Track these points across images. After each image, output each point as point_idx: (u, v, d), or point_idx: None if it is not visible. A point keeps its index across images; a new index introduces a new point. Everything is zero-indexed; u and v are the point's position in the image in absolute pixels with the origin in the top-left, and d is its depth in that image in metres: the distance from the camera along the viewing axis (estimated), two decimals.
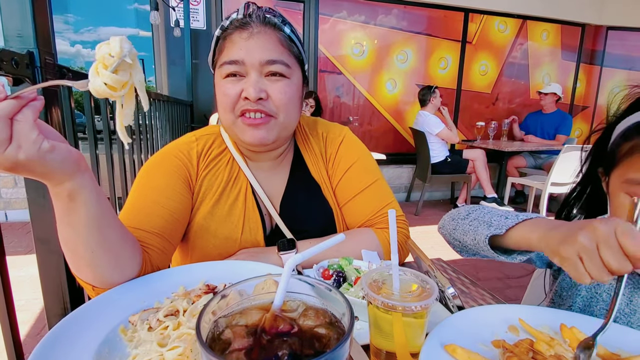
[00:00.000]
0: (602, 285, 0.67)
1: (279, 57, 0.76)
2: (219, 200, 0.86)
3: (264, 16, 0.77)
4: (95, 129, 1.27)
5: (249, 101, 0.75)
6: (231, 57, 0.75)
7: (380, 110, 4.79)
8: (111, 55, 0.46)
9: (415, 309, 0.44)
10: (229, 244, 0.85)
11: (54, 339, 0.48)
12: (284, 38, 0.78)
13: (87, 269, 0.60)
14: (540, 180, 3.93)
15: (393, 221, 0.50)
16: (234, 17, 0.78)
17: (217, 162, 0.88)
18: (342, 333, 0.29)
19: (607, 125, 0.69)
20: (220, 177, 0.87)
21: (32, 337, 1.82)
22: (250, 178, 0.89)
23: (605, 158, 0.67)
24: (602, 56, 5.45)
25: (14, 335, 0.85)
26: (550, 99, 4.58)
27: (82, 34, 4.83)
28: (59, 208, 0.54)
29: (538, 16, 5.00)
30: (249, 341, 0.28)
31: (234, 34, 0.76)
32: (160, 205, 0.77)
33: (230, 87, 0.76)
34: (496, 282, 2.73)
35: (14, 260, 2.71)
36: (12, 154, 0.44)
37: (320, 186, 0.93)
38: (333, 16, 4.37)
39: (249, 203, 0.88)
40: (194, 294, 0.57)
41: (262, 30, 0.76)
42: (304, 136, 0.96)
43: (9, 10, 0.80)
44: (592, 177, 0.73)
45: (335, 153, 0.95)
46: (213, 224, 0.84)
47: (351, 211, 0.93)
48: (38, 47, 0.78)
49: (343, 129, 0.99)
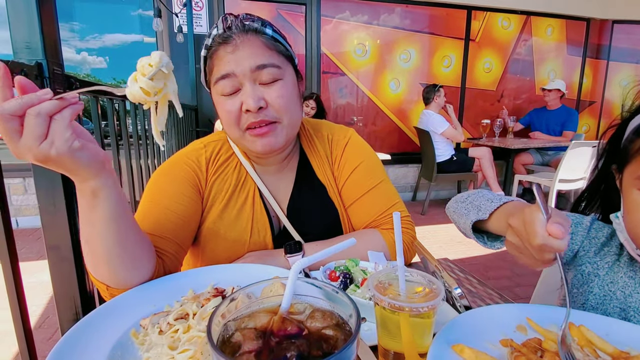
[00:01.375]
0: (616, 283, 0.67)
1: (268, 61, 0.77)
2: (228, 204, 0.87)
3: (243, 24, 0.78)
4: (102, 135, 1.29)
5: (251, 113, 0.76)
6: (221, 72, 0.76)
7: (384, 110, 4.78)
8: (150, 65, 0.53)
9: (422, 310, 0.44)
10: (238, 246, 0.87)
11: (68, 343, 0.49)
12: (268, 40, 0.79)
13: (104, 267, 0.62)
14: (547, 177, 3.89)
15: (398, 224, 0.51)
16: (215, 34, 0.79)
17: (225, 167, 0.89)
18: (349, 334, 0.30)
19: (621, 121, 0.69)
20: (229, 182, 0.88)
21: (44, 343, 1.85)
22: (257, 181, 0.90)
23: (618, 154, 0.66)
24: (608, 50, 5.38)
25: (28, 341, 0.86)
26: (554, 95, 4.53)
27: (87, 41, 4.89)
28: (82, 205, 0.58)
29: (542, 12, 4.96)
30: (258, 343, 0.28)
31: (219, 50, 0.77)
32: (171, 210, 0.79)
33: (230, 103, 0.77)
34: (505, 281, 2.71)
35: (25, 267, 2.75)
36: (45, 148, 0.48)
37: (326, 188, 0.94)
38: (335, 17, 4.38)
39: (257, 206, 0.89)
40: (203, 297, 0.58)
41: (245, 39, 0.76)
42: (308, 139, 0.97)
43: (17, 21, 0.82)
44: (605, 174, 0.73)
45: (340, 155, 0.95)
46: (222, 227, 0.86)
47: (357, 212, 0.93)
48: (46, 57, 0.80)
49: (348, 131, 0.99)
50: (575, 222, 0.77)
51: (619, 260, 0.69)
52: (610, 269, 0.69)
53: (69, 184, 0.92)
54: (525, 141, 4.45)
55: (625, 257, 0.68)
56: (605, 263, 0.70)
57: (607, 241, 0.72)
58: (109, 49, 5.08)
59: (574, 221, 0.77)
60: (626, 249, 0.67)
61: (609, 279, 0.68)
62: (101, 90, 0.57)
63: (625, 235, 0.63)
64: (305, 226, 0.91)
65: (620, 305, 0.65)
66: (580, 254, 0.74)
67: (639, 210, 0.59)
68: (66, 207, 0.92)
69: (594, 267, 0.71)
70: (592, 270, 0.71)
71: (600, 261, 0.70)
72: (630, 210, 0.61)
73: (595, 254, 0.72)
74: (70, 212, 0.93)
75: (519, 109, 5.20)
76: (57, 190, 0.91)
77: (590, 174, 0.78)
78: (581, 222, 0.77)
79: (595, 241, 0.73)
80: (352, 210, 0.94)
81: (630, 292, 0.64)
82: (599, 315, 0.56)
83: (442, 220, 4.08)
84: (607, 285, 0.68)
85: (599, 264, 0.70)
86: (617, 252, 0.70)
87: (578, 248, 0.74)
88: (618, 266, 0.68)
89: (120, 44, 5.15)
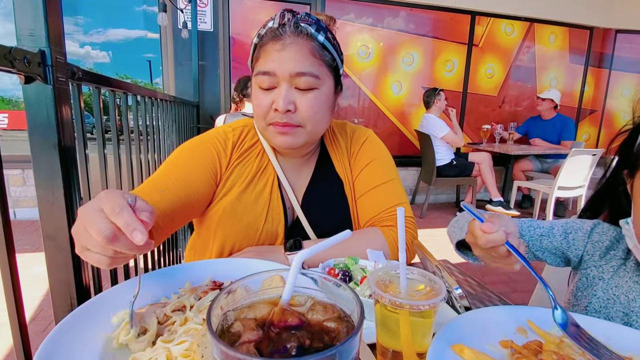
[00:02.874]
0: (621, 287, 0.67)
1: (308, 69, 0.78)
2: (247, 188, 0.90)
3: (297, 25, 0.79)
4: (103, 130, 1.28)
5: (278, 113, 0.79)
6: (264, 68, 0.79)
7: (386, 112, 4.78)
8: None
9: (423, 308, 0.43)
10: (251, 231, 0.88)
11: (61, 333, 0.48)
12: (317, 47, 0.80)
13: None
14: (546, 184, 3.89)
15: (402, 219, 0.50)
16: (270, 26, 0.80)
17: (249, 154, 0.92)
18: (351, 327, 0.29)
19: (634, 127, 0.68)
20: (250, 167, 0.91)
21: (38, 334, 1.84)
22: (277, 170, 0.93)
23: (630, 160, 0.66)
24: (610, 59, 5.39)
25: (22, 331, 0.85)
26: (547, 105, 4.51)
27: (91, 35, 4.88)
28: None
29: (545, 19, 4.97)
30: (258, 334, 0.28)
31: (268, 45, 0.79)
32: (180, 186, 0.80)
33: (263, 98, 0.80)
34: (502, 286, 2.70)
35: (21, 259, 2.73)
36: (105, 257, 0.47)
37: (342, 182, 0.97)
38: (339, 19, 4.38)
39: (274, 194, 0.91)
40: (200, 290, 0.58)
41: (295, 41, 0.78)
42: (332, 135, 1.01)
43: (22, 10, 0.81)
44: (616, 180, 0.73)
45: (358, 150, 1.00)
46: (240, 209, 0.88)
47: (363, 205, 0.95)
48: (50, 46, 0.79)
49: (368, 131, 1.05)
50: (576, 227, 0.77)
51: (624, 265, 0.68)
52: (615, 273, 0.68)
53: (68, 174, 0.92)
54: (525, 148, 4.45)
55: (632, 262, 0.68)
56: (610, 267, 0.69)
57: (612, 245, 0.72)
58: (113, 43, 5.07)
59: (573, 227, 0.77)
60: (633, 255, 0.66)
61: (613, 283, 0.68)
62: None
63: (634, 242, 0.63)
64: (318, 219, 0.93)
65: (624, 309, 0.65)
66: (585, 258, 0.73)
67: None
68: (65, 197, 0.91)
69: (599, 271, 0.70)
70: (596, 274, 0.70)
71: (605, 265, 0.70)
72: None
73: (601, 258, 0.71)
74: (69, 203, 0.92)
75: (519, 116, 5.20)
76: (57, 180, 0.90)
77: (600, 179, 0.78)
78: (582, 227, 0.76)
79: (600, 245, 0.72)
80: (359, 202, 0.96)
81: (634, 296, 0.64)
82: (600, 320, 0.55)
83: (441, 224, 4.08)
84: (612, 289, 0.67)
85: (604, 267, 0.70)
86: (623, 257, 0.70)
87: (582, 253, 0.74)
88: (624, 270, 0.68)
89: (124, 39, 5.14)
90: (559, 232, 0.78)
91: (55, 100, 0.81)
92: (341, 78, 0.90)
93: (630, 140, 0.68)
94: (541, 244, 0.79)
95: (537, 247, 0.79)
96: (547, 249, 0.78)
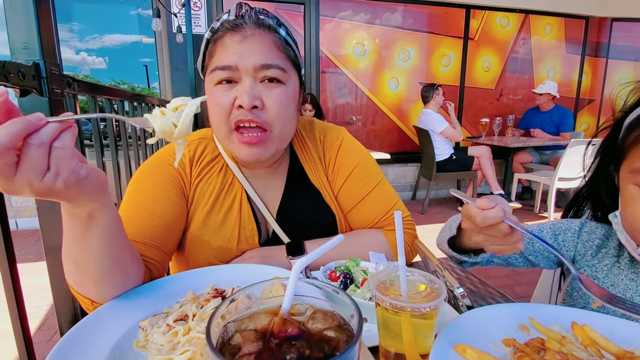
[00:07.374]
0: (617, 285, 0.67)
1: (274, 61, 0.72)
2: (212, 209, 0.82)
3: (258, 17, 0.73)
4: (101, 136, 1.28)
5: (243, 110, 0.71)
6: (223, 62, 0.71)
7: (384, 109, 4.78)
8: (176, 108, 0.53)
9: (424, 310, 0.44)
10: (224, 253, 0.83)
11: (67, 345, 0.48)
12: (280, 41, 0.74)
13: (93, 286, 0.58)
14: (547, 176, 3.89)
15: (399, 223, 0.50)
16: (225, 19, 0.73)
17: (210, 169, 0.84)
18: (351, 336, 0.29)
19: (616, 121, 0.69)
20: (213, 185, 0.83)
21: (43, 344, 1.84)
22: (245, 185, 0.85)
23: (614, 153, 0.67)
24: (607, 48, 5.38)
25: (27, 342, 0.86)
26: (545, 98, 4.50)
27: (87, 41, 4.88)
28: (75, 228, 0.52)
29: (541, 10, 4.96)
30: (259, 345, 0.28)
31: (226, 37, 0.72)
32: (156, 215, 0.74)
33: (223, 96, 0.72)
34: (506, 280, 2.71)
35: (24, 268, 2.74)
36: (49, 181, 0.41)
37: (320, 192, 0.90)
38: (334, 17, 4.37)
39: (245, 210, 0.84)
40: (202, 298, 0.58)
41: (256, 33, 0.71)
42: (300, 140, 0.92)
43: (14, 22, 0.81)
44: (602, 174, 0.73)
45: (334, 158, 0.91)
46: (207, 234, 0.81)
47: (358, 216, 0.91)
48: (44, 58, 0.79)
49: (340, 131, 0.95)
50: (564, 228, 0.77)
51: (618, 262, 0.68)
52: (609, 271, 0.68)
53: None
54: (524, 140, 4.44)
55: (625, 258, 0.68)
56: (604, 265, 0.69)
57: (602, 242, 0.72)
58: (108, 49, 5.08)
59: (561, 227, 0.77)
60: (626, 250, 0.66)
61: (609, 282, 0.67)
62: (123, 120, 0.53)
63: (625, 236, 0.63)
64: (298, 231, 0.86)
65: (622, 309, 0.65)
66: (577, 259, 0.73)
67: (635, 204, 0.59)
68: None
69: (592, 270, 0.70)
70: (590, 274, 0.70)
71: (598, 264, 0.70)
72: (627, 204, 0.61)
73: (593, 257, 0.71)
74: None
75: (517, 108, 5.19)
76: None
77: (584, 174, 0.78)
78: (570, 227, 0.77)
79: (590, 244, 0.72)
80: (352, 215, 0.91)
81: (632, 294, 0.64)
82: (602, 315, 0.55)
83: (442, 219, 4.08)
84: (608, 288, 0.67)
85: (597, 266, 0.70)
86: (615, 254, 0.69)
87: (574, 253, 0.74)
88: (618, 268, 0.68)
89: (120, 44, 5.14)
90: (548, 234, 0.78)
91: (52, 112, 0.81)
92: (302, 77, 0.83)
93: (613, 134, 0.68)
94: (533, 247, 0.78)
95: (529, 250, 0.78)
96: (539, 252, 0.78)
